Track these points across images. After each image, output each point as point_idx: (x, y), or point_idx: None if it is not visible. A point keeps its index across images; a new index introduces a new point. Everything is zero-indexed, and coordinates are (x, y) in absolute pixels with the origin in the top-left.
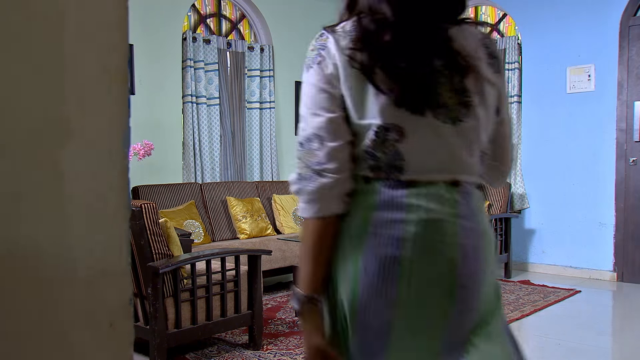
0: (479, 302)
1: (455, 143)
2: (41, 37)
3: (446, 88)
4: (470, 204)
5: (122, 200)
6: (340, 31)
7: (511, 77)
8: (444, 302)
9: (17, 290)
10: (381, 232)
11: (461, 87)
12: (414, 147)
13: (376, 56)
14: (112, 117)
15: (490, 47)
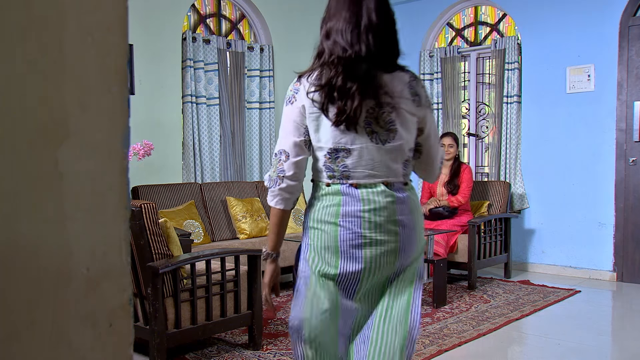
0: (411, 257)
1: (384, 157)
2: (41, 37)
3: (377, 121)
4: (400, 194)
5: (121, 200)
6: (308, 79)
7: (511, 77)
8: (392, 258)
9: (17, 290)
10: (348, 219)
11: (389, 119)
12: (356, 161)
13: (329, 99)
14: (111, 117)
15: (414, 88)
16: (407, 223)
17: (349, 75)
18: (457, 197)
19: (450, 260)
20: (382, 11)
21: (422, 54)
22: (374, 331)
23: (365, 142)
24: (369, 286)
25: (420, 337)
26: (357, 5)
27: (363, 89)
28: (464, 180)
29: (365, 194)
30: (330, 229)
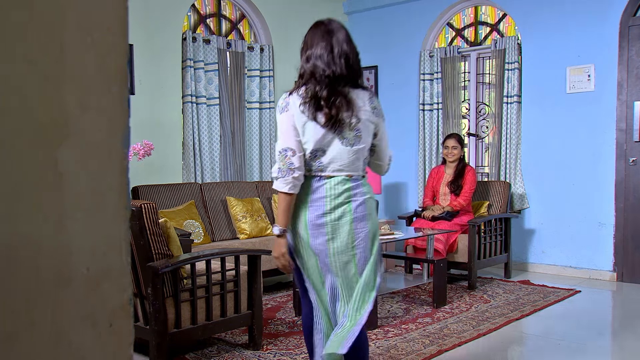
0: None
1: (350, 156)
2: (41, 37)
3: (349, 128)
4: (358, 185)
5: (121, 200)
6: (296, 95)
7: (511, 77)
8: (351, 236)
9: (17, 290)
10: (314, 204)
11: (356, 127)
12: (329, 159)
13: (316, 108)
14: (111, 117)
15: (373, 102)
16: (359, 205)
17: (332, 89)
18: (458, 200)
19: (450, 260)
20: (349, 42)
21: (422, 54)
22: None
23: (338, 145)
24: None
25: (420, 337)
26: (330, 37)
27: (341, 100)
28: (467, 181)
29: (330, 183)
30: (302, 213)
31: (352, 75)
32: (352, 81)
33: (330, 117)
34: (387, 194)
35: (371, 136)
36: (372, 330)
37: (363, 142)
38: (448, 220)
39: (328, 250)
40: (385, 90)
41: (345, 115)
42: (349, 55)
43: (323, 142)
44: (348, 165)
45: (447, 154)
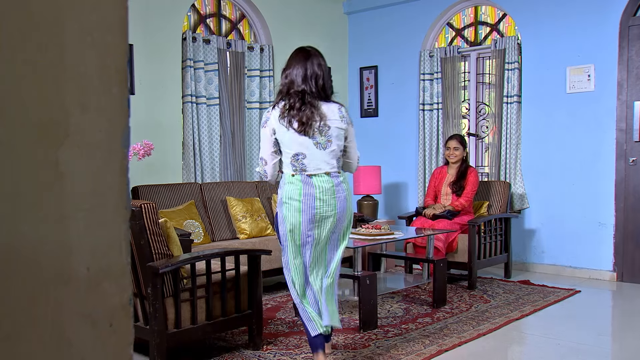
0: (345, 221)
1: (325, 157)
2: (41, 37)
3: (320, 134)
4: (337, 179)
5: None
6: (277, 108)
7: (511, 77)
8: (333, 220)
9: (16, 289)
10: (307, 196)
11: (328, 134)
12: (309, 160)
13: (291, 116)
14: (111, 117)
15: (341, 113)
16: (341, 198)
17: (303, 101)
18: (460, 200)
19: (450, 260)
20: (321, 66)
21: (422, 53)
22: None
23: (313, 149)
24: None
25: (420, 337)
26: (305, 62)
27: (311, 109)
28: (469, 182)
29: (316, 181)
30: (296, 204)
31: (322, 91)
32: (323, 96)
33: (302, 124)
34: (387, 194)
35: (342, 140)
36: (372, 330)
37: (334, 145)
38: (449, 219)
39: (314, 233)
40: (385, 90)
41: (316, 123)
42: (319, 76)
43: (302, 147)
44: (326, 164)
45: (449, 155)
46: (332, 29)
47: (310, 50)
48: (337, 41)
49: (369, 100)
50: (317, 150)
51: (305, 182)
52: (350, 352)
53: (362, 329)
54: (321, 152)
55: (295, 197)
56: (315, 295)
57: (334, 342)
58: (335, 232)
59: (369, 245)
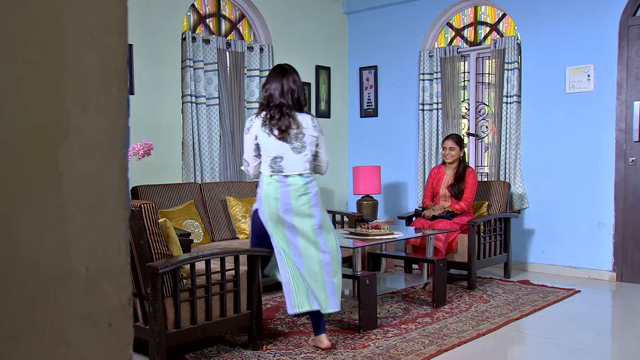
0: (319, 217)
1: (300, 160)
2: (41, 37)
3: (296, 140)
4: (311, 181)
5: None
6: (259, 117)
7: (510, 77)
8: (309, 212)
9: (16, 289)
10: (283, 194)
11: (302, 140)
12: (286, 163)
13: (272, 125)
14: (111, 117)
15: (314, 122)
16: (313, 193)
17: (281, 112)
18: (460, 204)
19: (450, 260)
20: (295, 82)
21: (421, 53)
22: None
23: (290, 153)
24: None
25: (420, 336)
26: (282, 78)
27: (288, 119)
28: (468, 185)
29: (291, 180)
30: (273, 202)
31: (297, 103)
32: (297, 108)
33: (281, 131)
34: (387, 194)
35: (314, 146)
36: (371, 330)
37: (307, 150)
38: (448, 219)
39: (295, 225)
40: (385, 90)
41: (293, 130)
42: (294, 91)
43: (280, 151)
44: (300, 167)
45: (445, 155)
46: (331, 29)
47: (287, 68)
48: (336, 41)
49: (368, 100)
50: (293, 154)
51: (282, 181)
52: (350, 352)
53: (362, 329)
54: (297, 156)
55: (272, 195)
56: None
57: (334, 342)
58: (316, 224)
59: (369, 245)
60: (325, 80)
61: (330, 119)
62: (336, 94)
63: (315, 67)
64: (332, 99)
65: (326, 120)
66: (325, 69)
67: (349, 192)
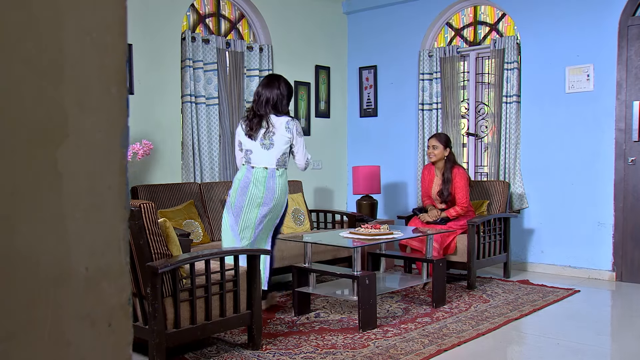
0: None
1: (267, 155)
2: (40, 37)
3: (265, 138)
4: (272, 173)
5: (120, 200)
6: (245, 120)
7: (510, 77)
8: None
9: (15, 289)
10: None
11: (272, 138)
12: (254, 156)
13: (245, 126)
14: (110, 117)
15: (287, 125)
16: (270, 187)
17: (254, 114)
18: (455, 209)
19: (449, 260)
20: (274, 92)
21: (421, 53)
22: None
23: (259, 148)
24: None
25: (420, 336)
26: (265, 88)
27: (259, 121)
28: (458, 188)
29: (255, 171)
30: (236, 183)
31: (273, 109)
32: (275, 112)
33: (250, 129)
34: (386, 194)
35: (286, 145)
36: (371, 329)
37: (276, 148)
38: (443, 225)
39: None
40: (385, 90)
41: (262, 130)
42: (270, 99)
43: (250, 146)
44: (265, 161)
45: (429, 154)
46: (331, 28)
47: (272, 79)
48: (336, 41)
49: (368, 100)
50: (261, 150)
51: (248, 170)
52: (350, 352)
53: (362, 329)
54: (264, 152)
55: (238, 177)
56: None
57: (334, 342)
58: (266, 215)
59: (368, 245)
60: (325, 80)
61: (329, 118)
62: (336, 94)
63: (315, 66)
64: (331, 99)
65: (326, 120)
66: (324, 69)
67: (348, 192)
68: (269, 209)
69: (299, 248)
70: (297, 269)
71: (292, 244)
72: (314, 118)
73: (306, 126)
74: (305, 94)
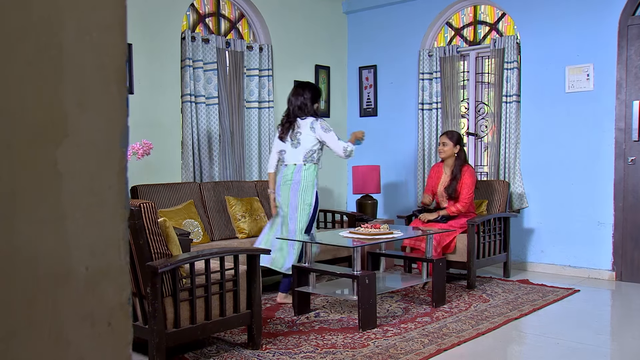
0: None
1: (295, 153)
2: (40, 37)
3: (293, 139)
4: (299, 167)
5: (120, 200)
6: (279, 127)
7: (510, 77)
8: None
9: (16, 289)
10: (280, 177)
11: (298, 138)
12: (286, 154)
13: (281, 132)
14: (110, 117)
15: (312, 125)
16: (297, 179)
17: (287, 121)
18: (456, 206)
19: (449, 260)
20: (303, 97)
21: (421, 53)
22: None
23: (290, 148)
24: (286, 209)
25: (419, 336)
26: (294, 95)
27: (288, 126)
28: (464, 186)
29: (286, 168)
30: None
31: (300, 112)
32: (302, 116)
33: (281, 134)
34: (386, 194)
35: (312, 143)
36: (371, 329)
37: (302, 146)
38: (443, 223)
39: (282, 202)
40: (384, 90)
41: (290, 132)
42: (295, 106)
43: (283, 147)
44: (294, 158)
45: (439, 151)
46: (331, 28)
47: (298, 87)
48: (336, 40)
49: (368, 99)
50: (291, 149)
51: (283, 167)
52: (350, 352)
53: (361, 329)
54: (293, 150)
55: (279, 177)
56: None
57: (333, 342)
58: (292, 205)
59: (368, 244)
60: (325, 80)
61: (329, 118)
62: (335, 94)
63: (315, 66)
64: (331, 99)
65: (325, 120)
66: (324, 69)
67: (348, 192)
68: (297, 195)
69: None
70: (297, 268)
71: None
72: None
73: None
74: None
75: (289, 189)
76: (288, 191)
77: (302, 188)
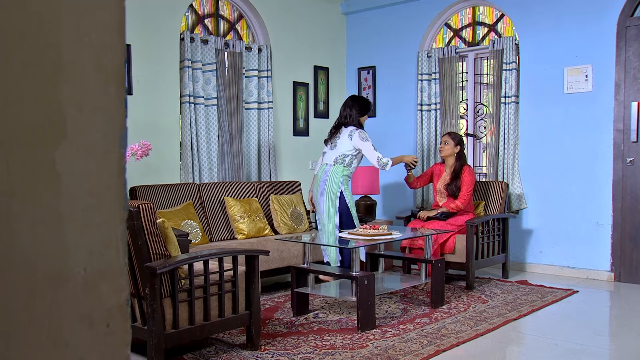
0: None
1: (332, 154)
2: (38, 38)
3: (333, 143)
4: (329, 166)
5: (119, 201)
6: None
7: (509, 78)
8: (317, 192)
9: (14, 290)
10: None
11: (336, 142)
12: (325, 155)
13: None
14: (109, 117)
15: (350, 133)
16: (324, 180)
17: (335, 127)
18: (456, 202)
19: (448, 261)
20: (348, 108)
21: (420, 54)
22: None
23: (329, 149)
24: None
25: (418, 337)
26: (343, 107)
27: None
28: (464, 183)
29: (321, 168)
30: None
31: (347, 122)
32: (347, 124)
33: (326, 138)
34: (385, 194)
35: (347, 149)
36: (370, 330)
37: (337, 149)
38: (442, 221)
39: (318, 198)
40: (383, 91)
41: (331, 138)
42: (342, 115)
43: (325, 149)
44: (329, 158)
45: (440, 149)
46: (330, 29)
47: (349, 99)
48: (335, 41)
49: None
50: (329, 150)
51: (322, 167)
52: (349, 353)
53: (360, 329)
54: (330, 152)
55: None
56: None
57: (332, 343)
58: (321, 203)
59: (367, 245)
60: (324, 81)
61: (328, 119)
62: (334, 95)
63: (314, 67)
64: (330, 100)
65: (324, 121)
66: (323, 69)
67: None
68: (324, 193)
69: (298, 248)
70: (295, 269)
71: (290, 244)
72: (313, 118)
73: (304, 126)
74: (304, 95)
75: (318, 189)
76: (318, 190)
77: (328, 185)
